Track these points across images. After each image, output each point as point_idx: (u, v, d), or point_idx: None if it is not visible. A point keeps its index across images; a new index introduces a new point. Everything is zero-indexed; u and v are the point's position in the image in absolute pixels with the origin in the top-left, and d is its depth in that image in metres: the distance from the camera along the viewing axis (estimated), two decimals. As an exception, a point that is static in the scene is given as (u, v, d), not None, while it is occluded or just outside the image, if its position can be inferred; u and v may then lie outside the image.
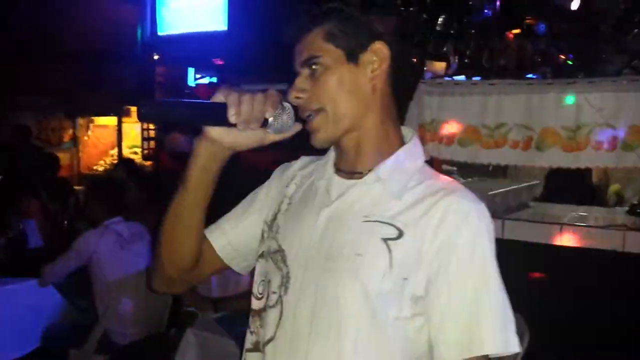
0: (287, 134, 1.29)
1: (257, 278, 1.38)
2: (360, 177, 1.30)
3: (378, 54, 1.28)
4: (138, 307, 3.79)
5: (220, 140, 1.25)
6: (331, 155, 1.39)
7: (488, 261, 1.19)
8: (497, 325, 1.17)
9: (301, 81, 1.28)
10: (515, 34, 4.84)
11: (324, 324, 1.22)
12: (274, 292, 1.30)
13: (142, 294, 3.80)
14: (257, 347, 1.33)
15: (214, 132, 1.24)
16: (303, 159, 1.49)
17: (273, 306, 1.30)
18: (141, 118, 1.22)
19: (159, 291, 1.51)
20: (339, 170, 1.35)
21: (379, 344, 1.19)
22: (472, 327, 1.16)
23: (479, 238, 1.19)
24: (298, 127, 1.29)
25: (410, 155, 1.31)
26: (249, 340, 1.37)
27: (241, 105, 1.20)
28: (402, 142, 1.33)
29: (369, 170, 1.30)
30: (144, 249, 4.05)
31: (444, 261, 1.17)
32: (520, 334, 2.60)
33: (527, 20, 4.97)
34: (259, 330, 1.33)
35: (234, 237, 1.45)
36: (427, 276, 1.18)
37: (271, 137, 1.28)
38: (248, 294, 1.43)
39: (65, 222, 5.03)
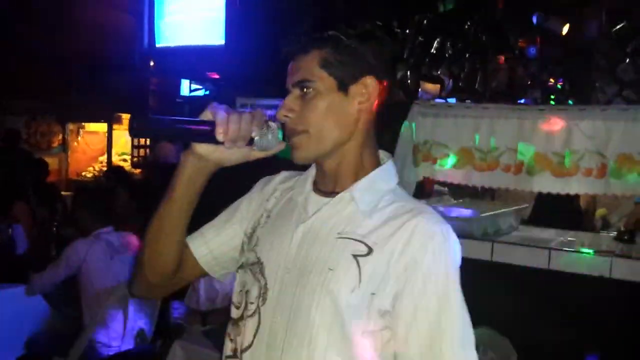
0: (271, 152, 1.35)
1: (237, 288, 1.45)
2: (335, 195, 1.37)
3: (368, 88, 1.34)
4: (125, 317, 3.78)
5: (207, 156, 1.31)
6: (312, 172, 1.45)
7: (451, 280, 1.27)
8: (457, 343, 1.26)
9: (291, 101, 1.33)
10: (507, 57, 4.91)
11: (297, 333, 1.28)
12: (252, 303, 1.37)
13: (129, 304, 3.79)
14: (235, 354, 1.40)
15: (201, 148, 1.30)
16: (283, 174, 1.55)
17: (251, 316, 1.36)
18: (132, 133, 1.26)
19: (138, 296, 1.59)
20: (317, 188, 1.42)
21: (348, 355, 1.26)
22: (434, 343, 1.24)
23: (443, 258, 1.27)
24: (282, 145, 1.34)
25: (382, 177, 1.38)
26: (228, 347, 1.43)
27: (229, 125, 1.25)
28: (378, 165, 1.40)
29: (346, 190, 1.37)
30: (133, 260, 4.03)
31: (410, 279, 1.24)
32: (507, 357, 2.64)
33: (519, 44, 5.05)
34: (237, 338, 1.40)
35: (215, 246, 1.50)
36: (394, 292, 1.25)
37: (256, 154, 1.34)
38: None
39: (54, 228, 5.00)
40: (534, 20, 4.81)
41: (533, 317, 3.17)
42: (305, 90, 1.31)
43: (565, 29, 4.89)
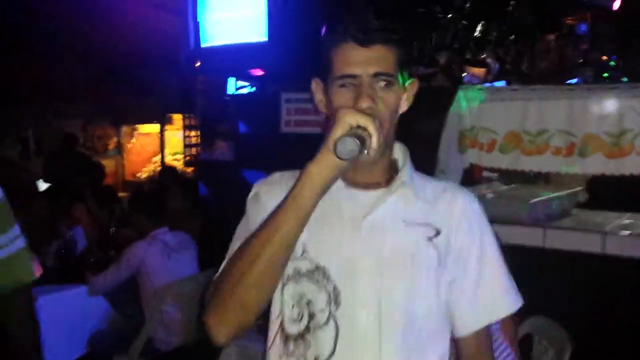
0: None
1: (289, 302, 1.37)
2: (380, 187, 1.39)
3: (413, 88, 1.42)
4: (182, 313, 3.86)
5: (348, 165, 1.23)
6: None
7: (494, 240, 1.45)
8: (510, 290, 1.43)
9: (374, 91, 1.31)
10: (557, 36, 4.78)
11: (395, 323, 1.31)
12: (322, 310, 1.33)
13: (186, 301, 3.88)
14: None
15: (347, 157, 1.21)
16: (278, 175, 1.47)
17: (324, 324, 1.33)
18: (340, 156, 1.18)
19: (225, 342, 1.33)
20: (349, 182, 1.39)
21: (439, 328, 1.39)
22: (496, 296, 1.41)
23: (485, 224, 1.44)
24: None
25: (411, 163, 1.47)
26: None
27: (378, 134, 1.21)
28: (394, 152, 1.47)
29: (387, 181, 1.40)
30: (190, 258, 4.14)
31: (467, 246, 1.39)
32: (562, 347, 2.57)
33: (568, 21, 4.92)
34: (307, 353, 1.35)
35: None
36: (455, 261, 1.38)
37: None
38: None
39: (112, 229, 5.14)
40: (584, -4, 4.68)
41: (589, 304, 3.10)
42: (384, 84, 1.31)
43: (617, 4, 4.72)
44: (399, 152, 1.46)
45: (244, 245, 1.28)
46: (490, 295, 1.40)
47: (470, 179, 4.04)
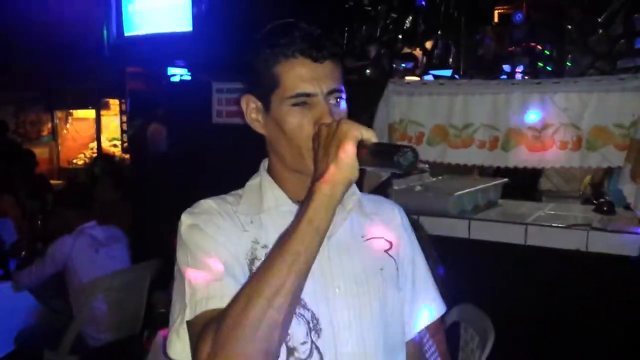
0: None
1: None
2: None
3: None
4: (111, 308, 3.80)
5: (356, 178, 1.16)
6: (267, 191, 1.33)
7: (421, 250, 1.51)
8: (438, 295, 1.51)
9: (330, 108, 1.24)
10: (493, 25, 4.85)
11: (377, 341, 1.30)
12: (303, 343, 1.23)
13: (115, 295, 3.82)
14: None
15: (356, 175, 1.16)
16: (207, 203, 1.33)
17: (308, 358, 1.24)
18: (405, 169, 1.09)
19: None
20: (299, 202, 1.25)
21: (403, 338, 1.41)
22: (428, 302, 1.47)
23: (414, 234, 1.50)
24: None
25: None
26: None
27: None
28: None
29: None
30: (120, 251, 4.06)
31: (408, 256, 1.43)
32: (485, 335, 2.65)
33: (503, 10, 5.00)
34: None
35: None
36: (401, 268, 1.41)
37: None
38: None
39: (39, 222, 5.00)
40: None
41: (511, 293, 3.20)
42: (337, 100, 1.25)
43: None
44: None
45: (253, 284, 1.11)
46: (423, 302, 1.45)
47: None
